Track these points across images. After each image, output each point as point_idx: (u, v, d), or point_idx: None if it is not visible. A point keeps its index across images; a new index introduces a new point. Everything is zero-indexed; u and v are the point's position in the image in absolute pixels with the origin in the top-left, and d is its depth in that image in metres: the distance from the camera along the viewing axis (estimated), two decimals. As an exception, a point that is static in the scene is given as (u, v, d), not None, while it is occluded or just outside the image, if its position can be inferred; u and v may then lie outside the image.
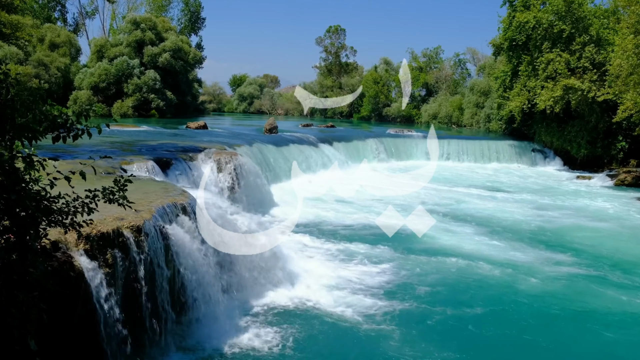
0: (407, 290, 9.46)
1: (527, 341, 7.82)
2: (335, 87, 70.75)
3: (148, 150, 14.83)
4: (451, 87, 60.41)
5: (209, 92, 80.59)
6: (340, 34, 72.22)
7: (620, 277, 10.77)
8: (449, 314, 8.57)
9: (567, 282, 10.29)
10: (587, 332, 8.23)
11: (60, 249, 5.45)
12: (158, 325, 6.64)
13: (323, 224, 14.17)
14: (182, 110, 48.88)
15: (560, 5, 27.95)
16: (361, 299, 8.95)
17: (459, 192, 20.68)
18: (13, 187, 3.86)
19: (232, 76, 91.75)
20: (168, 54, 46.58)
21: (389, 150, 29.73)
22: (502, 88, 34.03)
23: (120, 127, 26.19)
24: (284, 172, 20.10)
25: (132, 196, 5.11)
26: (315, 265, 10.56)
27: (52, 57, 44.20)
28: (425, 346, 7.42)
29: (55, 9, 59.14)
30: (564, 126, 29.90)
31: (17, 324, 3.68)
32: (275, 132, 28.63)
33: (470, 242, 13.04)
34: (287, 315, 8.26)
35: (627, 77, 22.71)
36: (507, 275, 10.49)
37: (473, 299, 9.27)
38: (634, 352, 7.75)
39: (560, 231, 14.68)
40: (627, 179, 24.64)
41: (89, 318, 5.56)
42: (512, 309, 8.89)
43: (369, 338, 7.62)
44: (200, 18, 66.11)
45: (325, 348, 7.36)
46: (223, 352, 7.05)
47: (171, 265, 7.07)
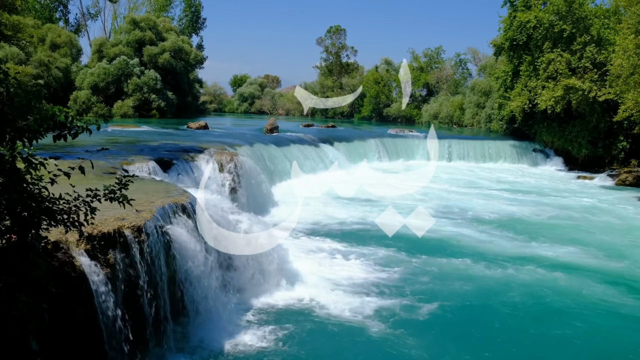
0: (407, 290, 9.46)
1: (534, 337, 7.84)
2: (336, 87, 70.74)
3: (149, 151, 14.84)
4: (452, 87, 60.39)
5: (209, 92, 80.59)
6: (340, 34, 72.21)
7: (621, 276, 10.77)
8: (450, 313, 8.57)
9: (568, 281, 10.28)
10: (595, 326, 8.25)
11: (62, 249, 5.46)
12: (158, 324, 6.65)
13: (323, 224, 14.18)
14: (183, 110, 48.89)
15: (561, 5, 27.93)
16: (361, 299, 8.95)
17: (459, 191, 20.67)
18: (14, 187, 3.87)
19: (233, 76, 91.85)
20: (168, 53, 46.57)
21: (390, 150, 29.72)
22: (503, 88, 34.02)
23: (121, 127, 26.23)
24: (284, 172, 20.10)
25: (133, 196, 5.13)
26: (315, 265, 10.57)
27: (53, 58, 44.22)
28: (426, 346, 7.42)
29: (57, 10, 59.23)
30: (565, 126, 29.88)
31: (19, 324, 3.69)
32: (276, 132, 28.64)
33: (471, 241, 13.04)
34: (287, 315, 8.27)
35: (628, 77, 22.67)
36: (508, 275, 10.49)
37: (474, 297, 9.27)
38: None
39: (561, 230, 14.68)
40: (628, 178, 24.63)
41: (89, 318, 5.57)
42: (515, 308, 8.88)
43: (369, 338, 7.62)
44: (201, 18, 66.18)
45: (325, 348, 7.37)
46: (223, 351, 7.06)
47: (172, 265, 7.08)
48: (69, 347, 5.36)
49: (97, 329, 5.65)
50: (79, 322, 5.47)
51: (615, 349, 7.77)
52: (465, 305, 8.98)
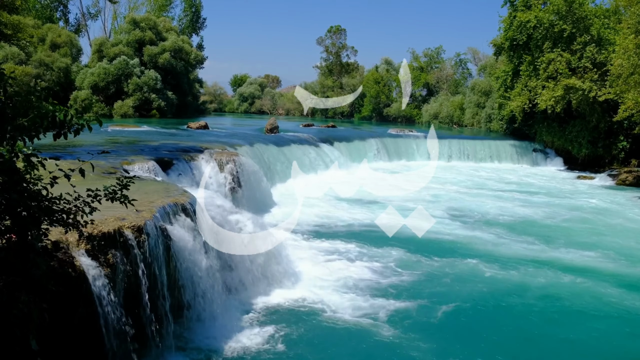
0: (408, 290, 9.45)
1: (534, 337, 7.83)
2: (336, 87, 70.78)
3: (149, 150, 14.84)
4: (452, 87, 60.42)
5: (209, 92, 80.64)
6: (341, 34, 72.27)
7: (623, 275, 10.76)
8: (451, 313, 8.55)
9: (568, 279, 10.27)
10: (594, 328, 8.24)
11: (62, 249, 5.46)
12: (159, 324, 6.65)
13: (323, 224, 14.17)
14: (183, 110, 48.92)
15: (561, 5, 27.94)
16: (361, 299, 8.94)
17: (459, 191, 20.67)
18: (14, 187, 3.87)
19: (233, 76, 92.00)
20: (168, 53, 46.60)
21: (390, 150, 29.73)
22: (503, 88, 34.03)
23: (121, 127, 26.23)
24: (284, 172, 20.10)
25: (133, 196, 5.13)
26: (315, 265, 10.57)
27: (53, 58, 44.23)
28: (427, 346, 7.41)
29: (57, 10, 59.24)
30: (565, 126, 29.89)
31: (19, 323, 3.69)
32: (276, 132, 28.64)
33: (472, 240, 13.03)
34: (287, 315, 8.26)
35: (628, 76, 22.69)
36: (511, 274, 10.48)
37: (475, 297, 9.25)
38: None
39: (561, 230, 14.68)
40: (629, 178, 24.63)
41: (89, 318, 5.57)
42: (516, 307, 8.88)
43: (369, 338, 7.61)
44: (201, 18, 66.19)
45: (325, 348, 7.36)
46: (223, 351, 7.06)
47: (172, 265, 7.09)
48: (69, 347, 5.36)
49: (97, 328, 5.65)
50: (79, 322, 5.48)
51: (634, 355, 7.69)
52: (469, 305, 8.90)
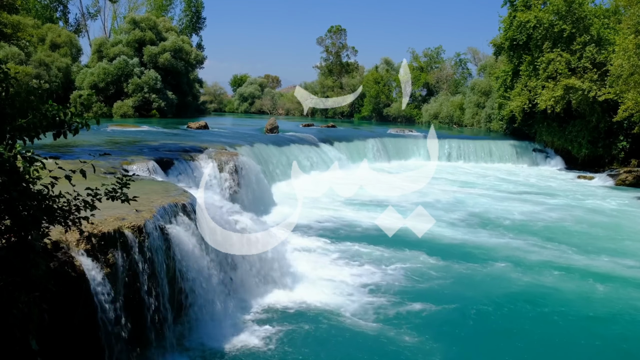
0: (408, 290, 9.45)
1: (535, 337, 7.82)
2: (336, 87, 70.78)
3: (149, 150, 14.83)
4: (452, 87, 60.43)
5: (209, 92, 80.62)
6: (341, 34, 72.28)
7: (624, 274, 10.77)
8: (452, 313, 8.55)
9: (569, 279, 10.29)
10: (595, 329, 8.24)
11: (61, 249, 5.46)
12: (159, 324, 6.64)
13: (323, 224, 14.17)
14: (183, 110, 48.90)
15: (560, 5, 27.94)
16: (361, 299, 8.94)
17: (459, 191, 20.67)
18: (14, 187, 3.87)
19: (233, 76, 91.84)
20: (168, 53, 46.58)
21: (390, 150, 29.73)
22: (503, 88, 34.04)
23: (121, 127, 26.20)
24: (284, 172, 20.10)
25: (133, 196, 5.13)
26: (315, 265, 10.56)
27: (53, 57, 44.20)
28: (427, 346, 7.41)
29: (57, 10, 59.21)
30: (564, 126, 29.89)
31: (19, 323, 3.69)
32: (276, 132, 28.63)
33: (472, 240, 13.03)
34: (287, 315, 8.26)
35: (628, 77, 22.69)
36: (511, 274, 10.50)
37: (478, 297, 9.25)
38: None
39: (562, 229, 14.69)
40: (628, 178, 24.64)
41: (89, 318, 5.57)
42: (518, 307, 8.89)
43: (370, 338, 7.61)
44: (201, 18, 66.17)
45: (325, 348, 7.35)
46: (223, 351, 7.06)
47: (172, 265, 7.08)
48: (69, 347, 5.36)
49: (97, 328, 5.65)
50: (78, 322, 5.47)
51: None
52: (470, 305, 8.88)
